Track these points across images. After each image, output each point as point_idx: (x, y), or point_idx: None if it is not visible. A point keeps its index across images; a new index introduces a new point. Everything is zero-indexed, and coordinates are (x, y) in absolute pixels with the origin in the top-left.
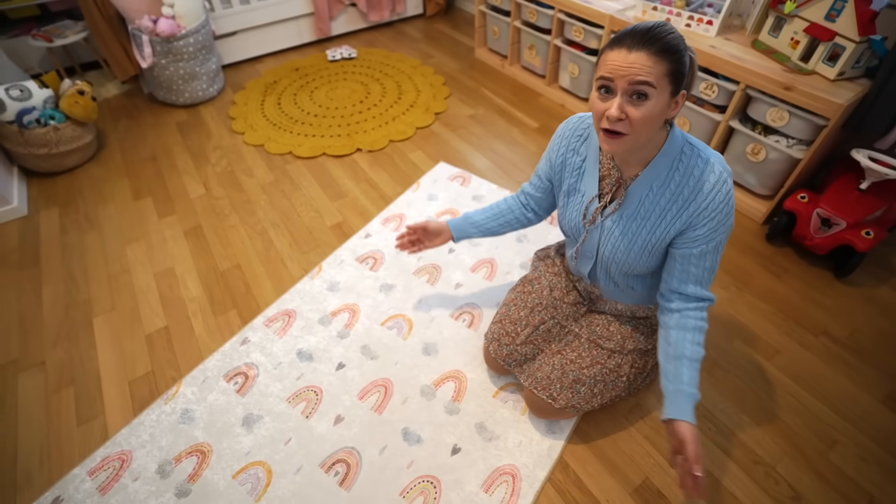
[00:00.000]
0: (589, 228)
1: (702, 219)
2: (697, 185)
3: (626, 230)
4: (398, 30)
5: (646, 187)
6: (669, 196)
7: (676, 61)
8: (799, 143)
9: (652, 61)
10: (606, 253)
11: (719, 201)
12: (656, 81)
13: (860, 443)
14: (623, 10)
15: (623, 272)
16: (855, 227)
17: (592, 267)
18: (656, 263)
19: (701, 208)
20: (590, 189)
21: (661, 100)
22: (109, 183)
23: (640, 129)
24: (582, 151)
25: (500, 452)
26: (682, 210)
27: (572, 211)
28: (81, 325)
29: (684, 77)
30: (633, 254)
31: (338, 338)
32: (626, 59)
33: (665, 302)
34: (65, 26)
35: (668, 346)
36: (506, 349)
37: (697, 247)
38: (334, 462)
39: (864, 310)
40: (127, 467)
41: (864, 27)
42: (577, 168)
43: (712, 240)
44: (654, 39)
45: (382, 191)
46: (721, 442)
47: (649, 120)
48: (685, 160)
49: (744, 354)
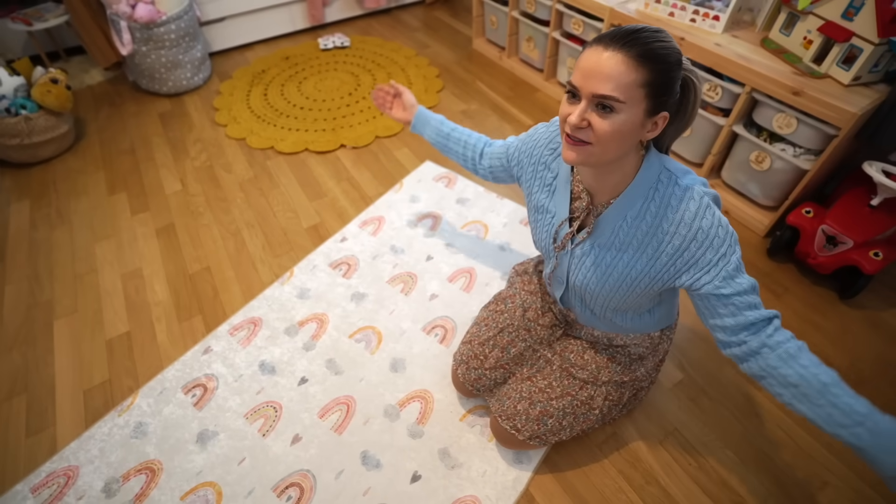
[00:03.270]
0: (559, 254)
1: (699, 251)
2: (676, 215)
3: (599, 261)
4: (395, 17)
5: (619, 217)
6: (646, 228)
7: (659, 72)
8: (807, 152)
9: (626, 67)
10: (577, 282)
11: (707, 227)
12: (626, 94)
13: (852, 485)
14: (624, 2)
15: (601, 304)
16: (863, 246)
17: (564, 292)
18: (643, 302)
19: (688, 240)
20: (560, 211)
21: (632, 114)
22: (85, 175)
23: (605, 142)
24: (554, 168)
25: (463, 482)
26: (666, 244)
27: (542, 231)
28: (41, 328)
29: (669, 95)
30: (608, 287)
31: (303, 350)
32: (598, 62)
33: (741, 349)
34: (45, 9)
35: (797, 390)
36: (474, 373)
37: (720, 279)
38: (288, 486)
39: (867, 336)
40: (72, 484)
41: (885, 27)
42: (548, 185)
43: (730, 263)
44: (636, 42)
45: (363, 191)
46: (701, 480)
47: (616, 135)
48: (661, 189)
49: (734, 382)
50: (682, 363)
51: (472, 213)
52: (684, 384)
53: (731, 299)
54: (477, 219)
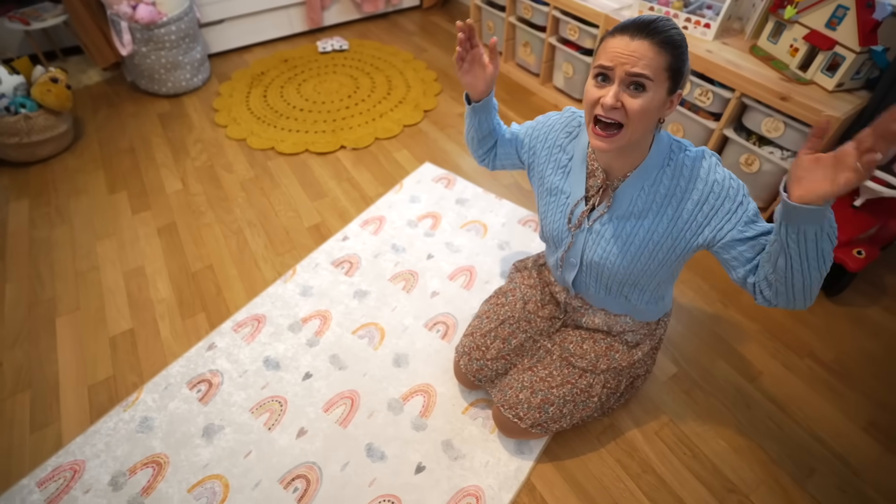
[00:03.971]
0: (574, 233)
1: (718, 201)
2: (692, 174)
3: (619, 231)
4: (393, 21)
5: (636, 188)
6: (664, 192)
7: (677, 57)
8: (794, 155)
9: (653, 52)
10: (595, 258)
11: (721, 179)
12: (655, 74)
13: (839, 472)
14: (619, 9)
15: (619, 279)
16: (847, 245)
17: (577, 275)
18: (662, 273)
19: (706, 193)
20: (576, 191)
21: (658, 94)
22: (84, 175)
23: (636, 123)
24: (569, 150)
25: (466, 472)
26: (686, 201)
27: (555, 213)
28: (43, 325)
29: (682, 75)
30: (629, 256)
31: (307, 346)
32: (628, 47)
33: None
34: (43, 9)
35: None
36: (476, 364)
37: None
38: (294, 477)
39: (851, 331)
40: (78, 478)
41: (866, 37)
42: (563, 167)
43: (748, 210)
44: (657, 31)
45: (364, 191)
46: (695, 468)
47: (646, 113)
48: (674, 157)
49: (726, 376)
50: (677, 357)
51: (472, 213)
52: (678, 377)
53: (758, 240)
54: (476, 219)
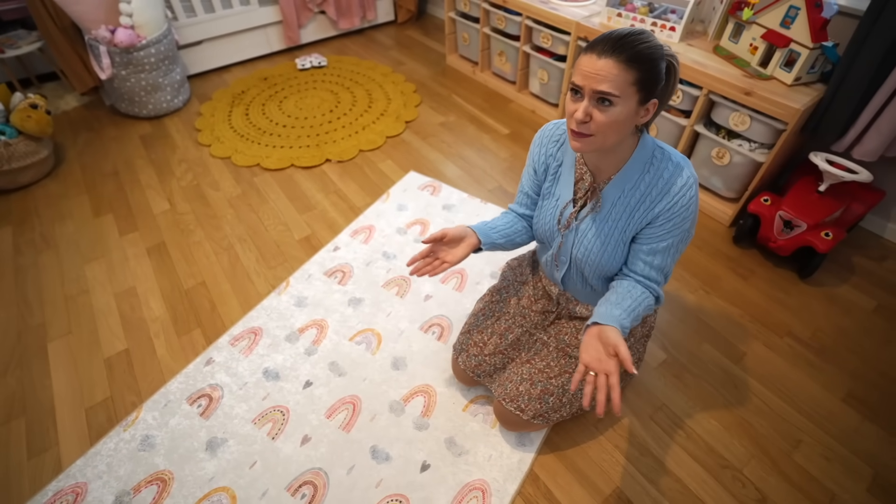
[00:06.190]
0: (564, 233)
1: (661, 218)
2: (666, 185)
3: (600, 232)
4: (369, 37)
5: (618, 190)
6: (639, 196)
7: (647, 70)
8: (760, 146)
9: (618, 69)
10: (580, 255)
11: (682, 204)
12: (621, 90)
13: (823, 442)
14: (589, 16)
15: (598, 274)
16: (815, 228)
17: (566, 271)
18: (619, 263)
19: (665, 208)
20: (564, 193)
21: (626, 107)
22: (68, 200)
23: (604, 132)
24: (559, 157)
25: (470, 467)
26: (649, 209)
27: (546, 215)
28: (35, 351)
29: (657, 85)
30: (606, 254)
31: (305, 355)
32: (594, 66)
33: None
34: (17, 36)
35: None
36: (474, 360)
37: (648, 244)
38: (301, 484)
39: (825, 309)
40: (81, 500)
41: (817, 34)
42: (554, 173)
43: (664, 240)
44: (624, 48)
45: (352, 202)
46: (690, 448)
47: (614, 125)
48: (656, 163)
49: (712, 358)
50: (665, 344)
51: (459, 217)
52: (668, 363)
53: (655, 258)
54: (463, 223)
